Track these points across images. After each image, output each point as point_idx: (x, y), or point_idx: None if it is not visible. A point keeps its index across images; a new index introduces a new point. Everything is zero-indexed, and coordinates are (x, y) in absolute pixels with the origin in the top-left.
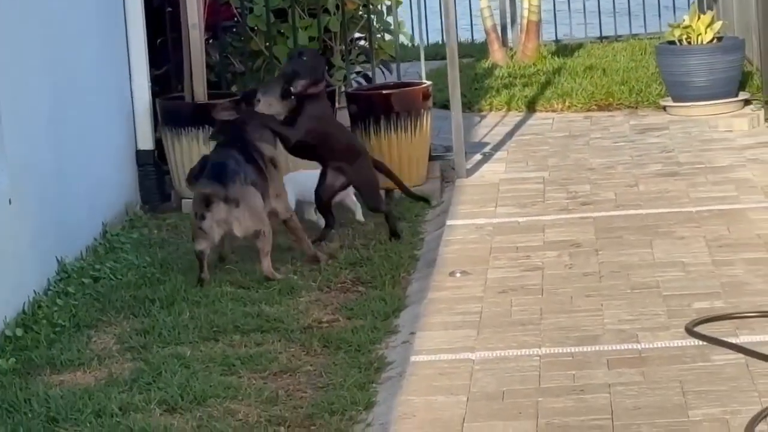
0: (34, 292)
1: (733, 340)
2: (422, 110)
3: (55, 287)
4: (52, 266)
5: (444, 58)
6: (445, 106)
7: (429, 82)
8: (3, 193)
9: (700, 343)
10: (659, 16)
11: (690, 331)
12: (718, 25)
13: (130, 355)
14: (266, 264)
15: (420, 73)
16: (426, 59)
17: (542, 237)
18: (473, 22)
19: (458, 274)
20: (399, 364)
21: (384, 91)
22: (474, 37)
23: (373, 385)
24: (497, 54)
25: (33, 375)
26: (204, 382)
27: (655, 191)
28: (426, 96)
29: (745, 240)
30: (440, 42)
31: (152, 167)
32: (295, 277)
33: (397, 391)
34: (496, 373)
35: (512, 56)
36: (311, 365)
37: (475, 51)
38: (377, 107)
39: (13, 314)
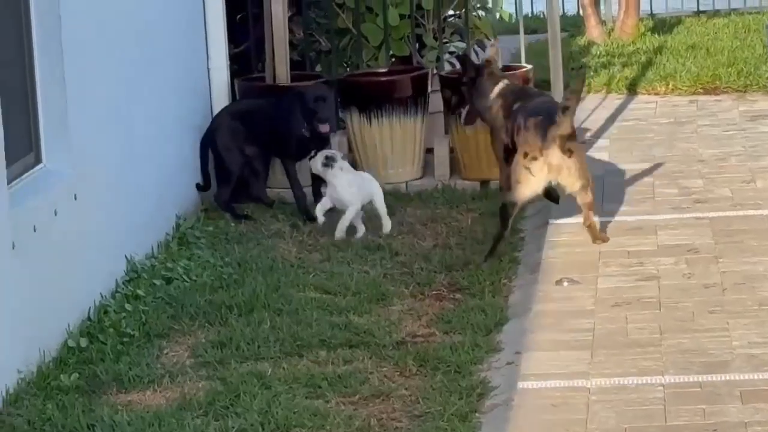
0: (101, 295)
1: None
2: None
3: (123, 289)
4: (121, 265)
5: (535, 32)
6: (541, 86)
7: (529, 66)
8: (68, 188)
9: None
10: None
11: None
12: None
13: (205, 371)
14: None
15: (516, 51)
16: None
17: (655, 240)
18: None
19: (566, 283)
20: (504, 389)
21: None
22: (566, 9)
23: (477, 415)
24: (594, 30)
25: (98, 393)
26: (287, 408)
27: None
28: (526, 81)
29: None
30: (529, 14)
31: None
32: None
33: (504, 425)
34: (615, 406)
35: (609, 33)
36: (406, 388)
37: (567, 24)
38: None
39: (78, 321)
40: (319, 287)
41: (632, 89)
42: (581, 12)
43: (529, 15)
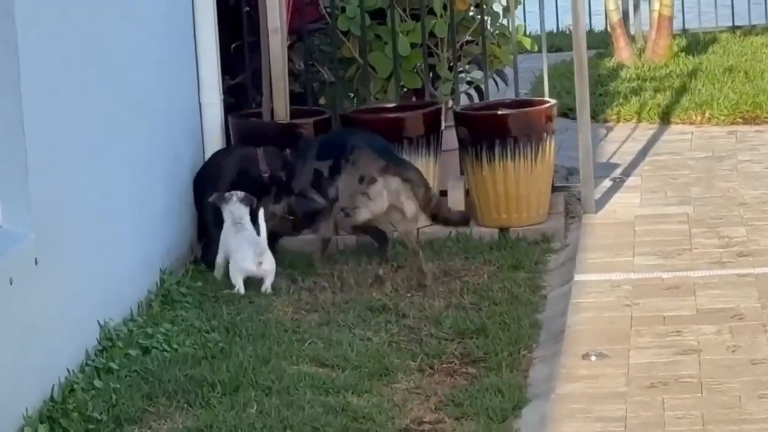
0: (68, 370)
1: None
2: (545, 134)
3: (94, 361)
4: (93, 333)
5: (559, 49)
6: (566, 114)
7: (553, 101)
8: (26, 253)
9: None
10: None
11: None
12: None
13: None
14: None
15: (540, 74)
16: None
17: (694, 302)
18: (592, 7)
19: (593, 358)
20: None
21: (499, 112)
22: (593, 25)
23: None
24: (624, 52)
25: None
26: None
27: None
28: (549, 118)
29: None
30: (554, 29)
31: None
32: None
33: None
34: None
35: (640, 54)
36: None
37: (596, 42)
38: (491, 130)
39: (39, 403)
40: (315, 359)
41: (665, 118)
42: (609, 31)
43: (554, 31)
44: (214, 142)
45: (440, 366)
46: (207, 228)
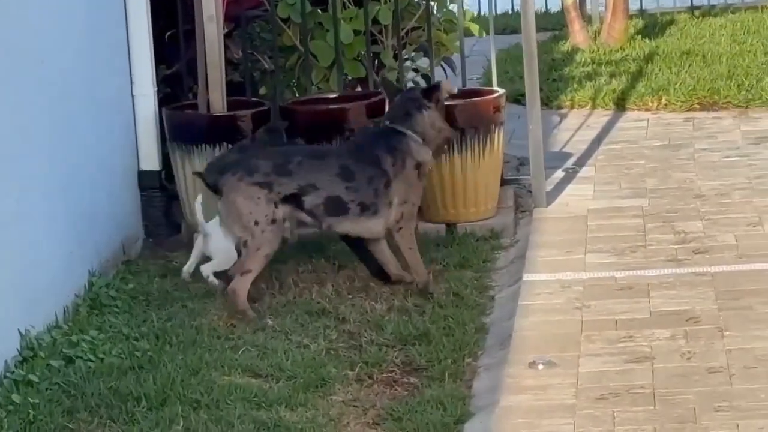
0: None
1: None
2: (493, 125)
3: (14, 374)
4: (13, 343)
5: (514, 31)
6: (518, 100)
7: (502, 91)
8: None
9: None
10: None
11: None
12: None
13: None
14: None
15: (489, 64)
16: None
17: (648, 304)
18: None
19: (541, 366)
20: None
21: (446, 103)
22: (549, 6)
23: None
24: (578, 35)
25: None
26: None
27: None
28: (498, 108)
29: None
30: (510, 10)
31: (158, 192)
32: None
33: None
34: None
35: (595, 36)
36: None
37: (550, 23)
38: None
39: None
40: (248, 369)
41: (620, 104)
42: (565, 15)
43: (509, 12)
44: (148, 136)
45: (380, 376)
46: None
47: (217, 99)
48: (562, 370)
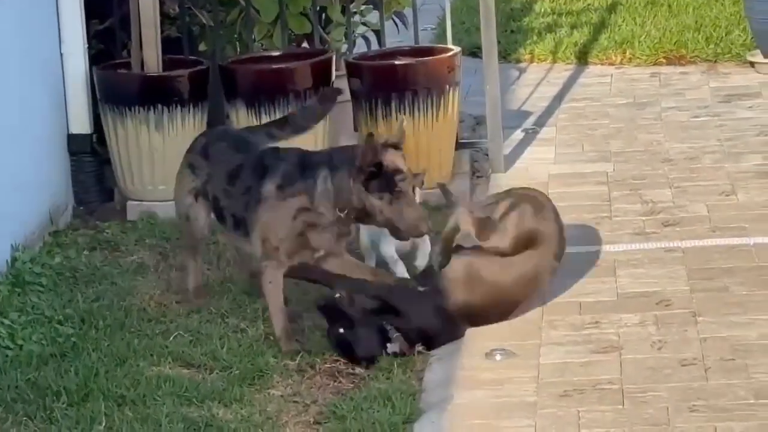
0: None
1: None
2: (447, 86)
3: None
4: None
5: None
6: (475, 53)
7: (457, 49)
8: None
9: None
10: None
11: None
12: None
13: None
14: None
15: (443, 14)
16: None
17: (614, 285)
18: None
19: (498, 356)
20: None
21: (396, 62)
22: None
23: None
24: None
25: None
26: None
27: (761, 204)
28: (452, 68)
29: None
30: None
31: (89, 157)
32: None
33: None
34: None
35: None
36: None
37: None
38: (387, 82)
39: None
40: (179, 358)
41: (582, 58)
42: None
43: None
44: (78, 97)
45: (323, 366)
46: None
47: (151, 57)
48: (521, 361)
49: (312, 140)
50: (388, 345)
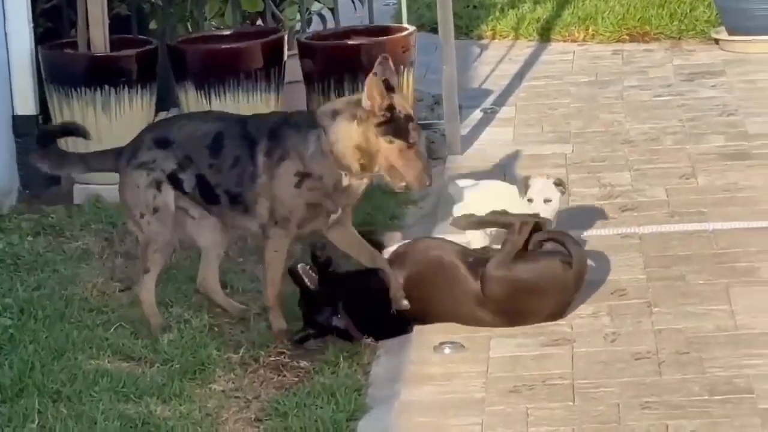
0: None
1: None
2: (402, 66)
3: None
4: None
5: None
6: (435, 29)
7: (412, 28)
8: None
9: None
10: None
11: None
12: None
13: None
14: None
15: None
16: None
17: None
18: None
19: (447, 350)
20: None
21: (349, 42)
22: None
23: None
24: None
25: None
26: None
27: (720, 187)
28: (407, 47)
29: None
30: None
31: (35, 139)
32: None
33: None
34: None
35: None
36: None
37: None
38: (340, 63)
39: None
40: (119, 351)
41: (545, 35)
42: None
43: None
44: (23, 77)
45: (267, 359)
46: None
47: (98, 37)
48: (471, 355)
49: None
50: (334, 318)
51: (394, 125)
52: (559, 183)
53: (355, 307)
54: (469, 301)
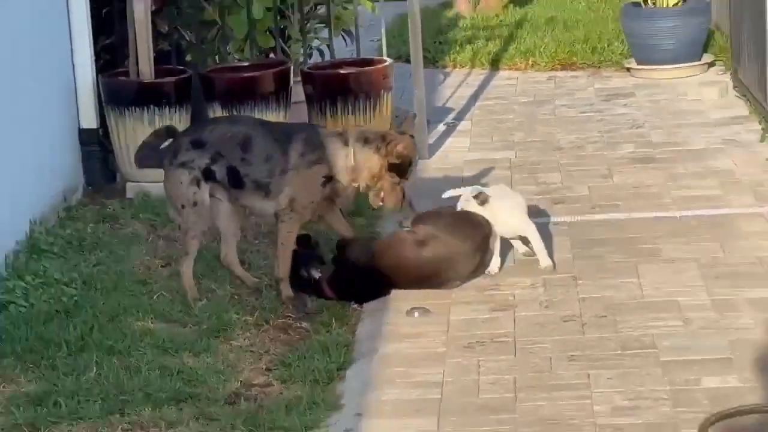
0: None
1: None
2: (382, 90)
3: None
4: None
5: None
6: (408, 60)
7: (390, 61)
8: None
9: None
10: None
11: None
12: None
13: None
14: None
15: (389, 29)
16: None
17: (512, 252)
18: None
19: (416, 314)
20: None
21: (341, 71)
22: None
23: None
24: (462, 4)
25: None
26: None
27: (631, 185)
28: (386, 76)
29: (744, 267)
30: None
31: (97, 147)
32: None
33: None
34: None
35: (476, 5)
36: None
37: None
38: (334, 87)
39: None
40: (161, 314)
41: (495, 64)
42: None
43: None
44: (87, 99)
45: (276, 321)
46: None
47: (145, 69)
48: (435, 318)
49: None
50: (313, 270)
51: (399, 167)
52: (476, 196)
53: (342, 278)
54: None
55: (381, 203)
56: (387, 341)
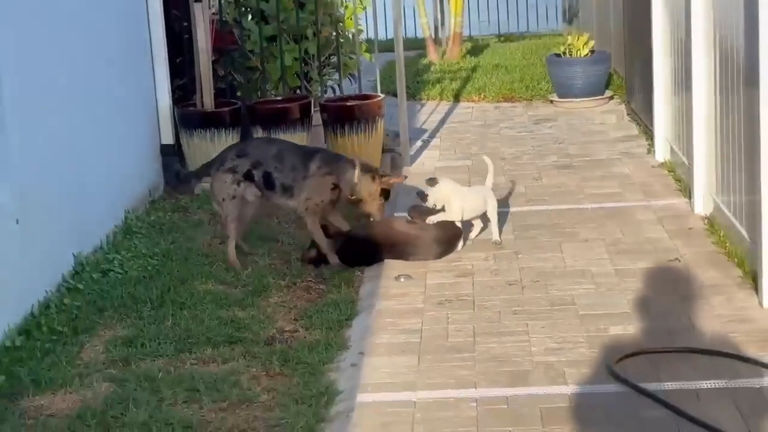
0: (47, 291)
1: (655, 384)
2: (377, 117)
3: (66, 284)
4: (69, 261)
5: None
6: (395, 94)
7: (382, 96)
8: (5, 214)
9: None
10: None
11: (615, 375)
12: (591, 43)
13: (110, 371)
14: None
15: (383, 73)
16: (381, 51)
17: (471, 235)
18: (416, 21)
19: (402, 279)
20: (347, 395)
21: (348, 103)
22: (417, 33)
23: (322, 425)
24: (433, 54)
25: (17, 396)
26: (164, 420)
27: (555, 185)
28: (379, 106)
29: (638, 246)
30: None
31: (174, 157)
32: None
33: None
34: (436, 427)
35: (443, 55)
36: (268, 392)
37: (418, 45)
38: (342, 115)
39: (20, 319)
40: (218, 279)
41: (456, 98)
42: (425, 40)
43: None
44: (166, 123)
45: (301, 284)
46: None
47: (207, 101)
48: (415, 282)
49: None
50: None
51: (387, 193)
52: (427, 180)
53: (351, 252)
54: None
55: (368, 211)
56: (381, 299)
